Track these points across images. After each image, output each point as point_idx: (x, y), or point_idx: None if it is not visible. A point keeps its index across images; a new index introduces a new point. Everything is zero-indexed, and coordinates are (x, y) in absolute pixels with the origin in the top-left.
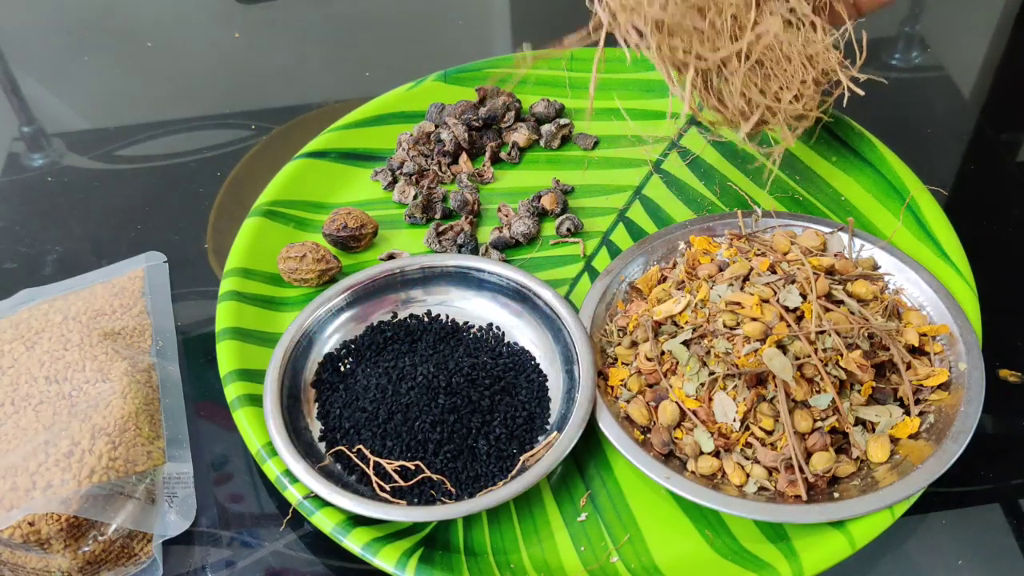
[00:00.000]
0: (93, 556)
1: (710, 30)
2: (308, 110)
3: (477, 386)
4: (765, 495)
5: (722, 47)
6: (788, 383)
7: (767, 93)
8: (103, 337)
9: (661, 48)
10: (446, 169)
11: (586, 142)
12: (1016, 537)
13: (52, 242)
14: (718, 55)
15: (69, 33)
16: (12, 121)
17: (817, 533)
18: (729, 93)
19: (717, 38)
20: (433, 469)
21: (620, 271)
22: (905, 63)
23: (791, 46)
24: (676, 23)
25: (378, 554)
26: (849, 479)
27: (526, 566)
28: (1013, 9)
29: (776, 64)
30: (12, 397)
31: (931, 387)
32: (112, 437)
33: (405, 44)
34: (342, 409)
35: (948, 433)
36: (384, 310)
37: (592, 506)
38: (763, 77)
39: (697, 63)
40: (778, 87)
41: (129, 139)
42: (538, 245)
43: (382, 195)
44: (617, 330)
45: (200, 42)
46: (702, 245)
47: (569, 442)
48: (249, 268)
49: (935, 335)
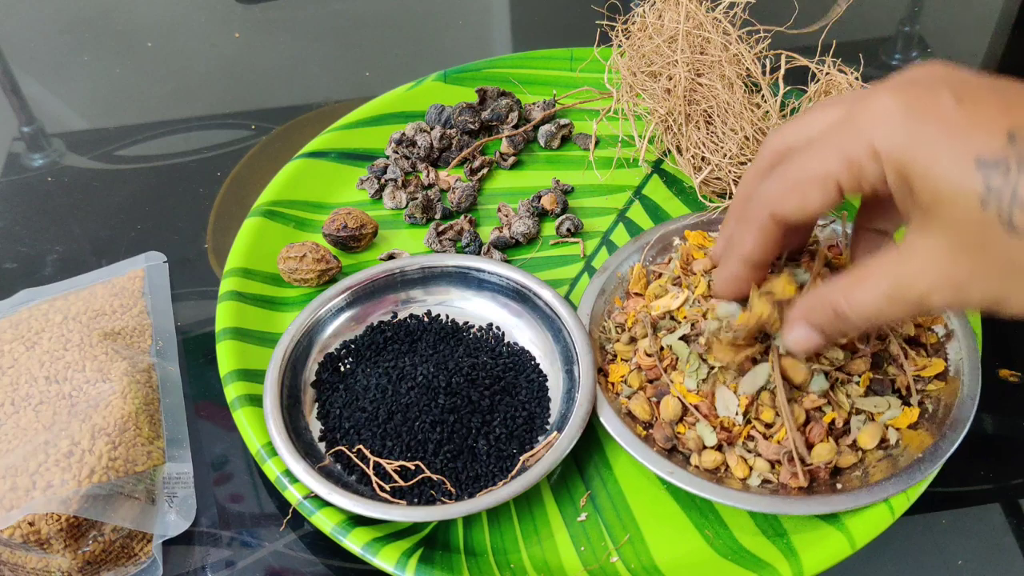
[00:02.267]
0: (93, 556)
1: (663, 92)
2: (308, 110)
3: (477, 386)
4: (768, 488)
5: (672, 105)
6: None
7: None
8: (103, 337)
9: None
10: (428, 173)
11: (586, 142)
12: (1016, 537)
13: (52, 242)
14: (665, 108)
15: (69, 33)
16: (12, 121)
17: (817, 532)
18: (685, 147)
19: (668, 98)
20: (433, 469)
21: (616, 267)
22: (904, 63)
23: (730, 107)
24: (637, 84)
25: (378, 554)
26: (851, 470)
27: (526, 566)
28: (1012, 9)
29: (723, 124)
30: (12, 397)
31: (928, 377)
32: (112, 437)
33: (405, 44)
34: (342, 409)
35: (947, 422)
36: (384, 310)
37: (592, 506)
38: (711, 134)
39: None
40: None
41: (129, 139)
42: (538, 245)
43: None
44: (615, 326)
45: (200, 42)
46: (697, 240)
47: (569, 442)
48: (249, 268)
49: (931, 326)
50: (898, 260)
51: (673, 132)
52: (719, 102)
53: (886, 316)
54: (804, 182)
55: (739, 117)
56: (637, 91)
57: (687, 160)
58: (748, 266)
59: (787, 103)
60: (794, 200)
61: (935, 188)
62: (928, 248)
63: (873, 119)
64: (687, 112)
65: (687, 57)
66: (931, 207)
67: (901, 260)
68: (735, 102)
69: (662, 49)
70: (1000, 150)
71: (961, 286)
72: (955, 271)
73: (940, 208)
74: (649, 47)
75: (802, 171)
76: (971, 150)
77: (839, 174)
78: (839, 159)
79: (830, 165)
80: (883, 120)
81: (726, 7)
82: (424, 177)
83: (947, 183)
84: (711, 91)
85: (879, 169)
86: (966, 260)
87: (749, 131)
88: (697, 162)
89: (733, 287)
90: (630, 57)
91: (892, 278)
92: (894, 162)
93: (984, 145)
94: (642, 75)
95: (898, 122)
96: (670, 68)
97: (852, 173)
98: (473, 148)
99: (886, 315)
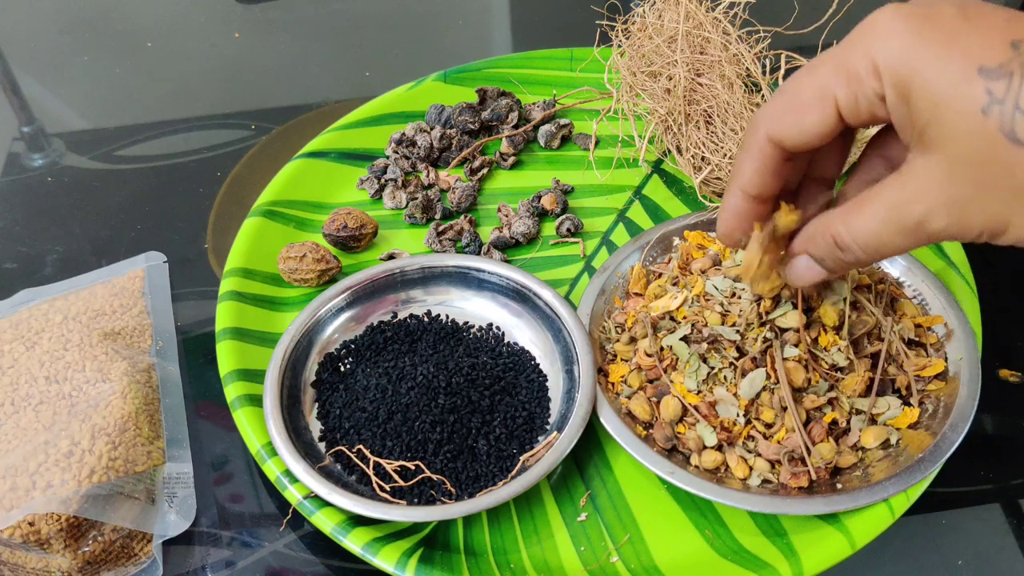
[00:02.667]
0: (93, 556)
1: (663, 92)
2: (308, 110)
3: (477, 386)
4: (768, 488)
5: (672, 105)
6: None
7: (717, 149)
8: (103, 337)
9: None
10: (428, 173)
11: (586, 142)
12: (1016, 537)
13: (52, 242)
14: (665, 108)
15: (69, 33)
16: (12, 121)
17: (817, 532)
18: (684, 147)
19: (668, 98)
20: (433, 469)
21: (616, 267)
22: None
23: (730, 107)
24: (637, 84)
25: (378, 554)
26: (851, 470)
27: (526, 566)
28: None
29: (723, 124)
30: (12, 397)
31: (928, 377)
32: (112, 437)
33: (405, 44)
34: (342, 409)
35: (947, 423)
36: (384, 310)
37: (592, 506)
38: (711, 135)
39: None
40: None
41: (129, 139)
42: (538, 245)
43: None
44: (615, 327)
45: (200, 42)
46: (696, 240)
47: (569, 442)
48: (249, 268)
49: (931, 326)
50: (897, 183)
51: (673, 132)
52: (719, 102)
53: (887, 245)
54: (801, 99)
55: (739, 117)
56: (637, 91)
57: (687, 160)
58: (748, 198)
59: None
60: (790, 119)
61: (934, 99)
62: (927, 168)
63: (874, 31)
64: (687, 112)
65: (687, 57)
66: (930, 122)
67: (900, 183)
68: (735, 102)
69: (662, 49)
70: (1003, 58)
71: (962, 207)
72: (955, 191)
73: (940, 121)
74: (649, 47)
75: (799, 87)
76: (973, 58)
77: (836, 88)
78: (836, 71)
79: (827, 78)
80: (884, 32)
81: (726, 7)
82: (424, 177)
83: (947, 92)
84: (711, 91)
85: (878, 85)
86: (967, 177)
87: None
88: (697, 162)
89: (733, 223)
90: (630, 57)
91: (889, 203)
92: (893, 74)
93: (986, 53)
94: (642, 75)
95: (899, 33)
96: (670, 68)
97: (850, 88)
98: (473, 148)
99: (886, 243)
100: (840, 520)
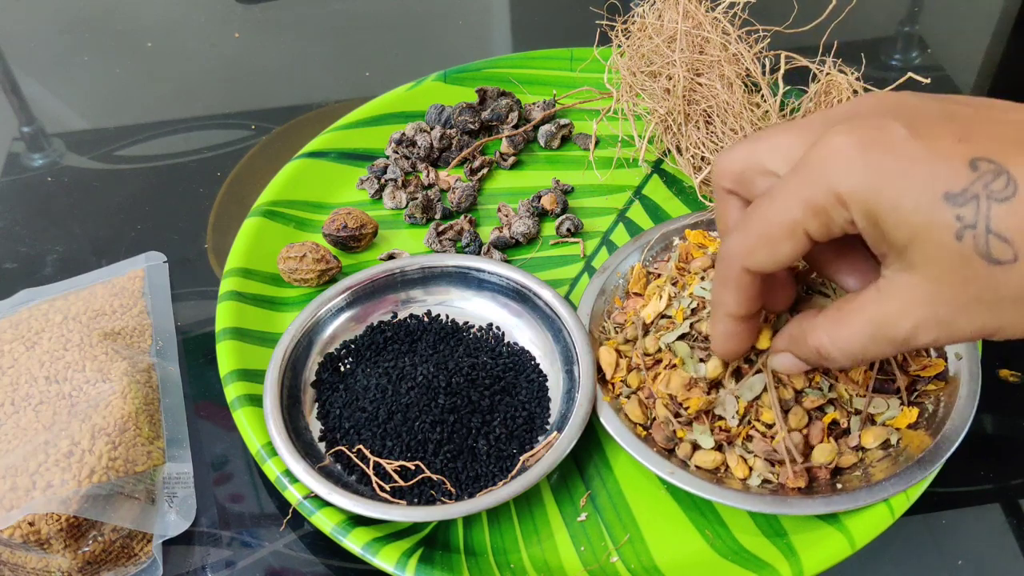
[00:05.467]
0: (93, 556)
1: (662, 92)
2: (308, 110)
3: (477, 386)
4: (768, 488)
5: (672, 105)
6: None
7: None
8: (103, 337)
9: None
10: (428, 173)
11: (586, 142)
12: (1016, 537)
13: (52, 242)
14: (664, 108)
15: (69, 33)
16: (12, 121)
17: (817, 533)
18: (684, 147)
19: (667, 97)
20: (433, 469)
21: (616, 267)
22: (904, 64)
23: (730, 107)
24: (637, 84)
25: (378, 554)
26: (851, 470)
27: (526, 566)
28: (1012, 9)
29: (723, 124)
30: (12, 397)
31: (928, 377)
32: (112, 437)
33: (405, 44)
34: (342, 409)
35: (947, 423)
36: (384, 310)
37: (592, 506)
38: (710, 134)
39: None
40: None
41: (129, 139)
42: (538, 245)
43: None
44: (614, 327)
45: (200, 42)
46: (697, 239)
47: (569, 442)
48: (249, 268)
49: None
50: (878, 299)
51: (673, 132)
52: (719, 102)
53: (874, 355)
54: (772, 234)
55: (739, 117)
56: (637, 91)
57: (687, 160)
58: (736, 320)
59: (786, 103)
60: (764, 252)
61: (907, 226)
62: (909, 286)
63: (834, 164)
64: (687, 112)
65: (686, 57)
66: (906, 245)
67: (881, 299)
68: (735, 102)
69: (661, 49)
70: (964, 182)
71: (948, 322)
72: (939, 308)
73: (915, 246)
74: (649, 47)
75: (767, 223)
76: (936, 185)
77: (806, 222)
78: (803, 207)
79: (795, 214)
80: (840, 162)
81: (725, 7)
82: (424, 177)
83: (918, 221)
84: (711, 91)
85: (847, 214)
86: (949, 296)
87: (749, 131)
88: (697, 162)
89: (734, 344)
90: (630, 57)
91: (875, 319)
92: (859, 203)
93: (948, 178)
94: (642, 75)
95: (856, 162)
96: (669, 68)
97: (820, 220)
98: (473, 148)
99: (873, 354)
100: (840, 520)
